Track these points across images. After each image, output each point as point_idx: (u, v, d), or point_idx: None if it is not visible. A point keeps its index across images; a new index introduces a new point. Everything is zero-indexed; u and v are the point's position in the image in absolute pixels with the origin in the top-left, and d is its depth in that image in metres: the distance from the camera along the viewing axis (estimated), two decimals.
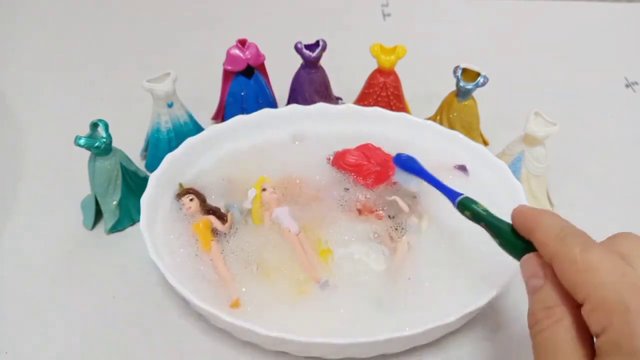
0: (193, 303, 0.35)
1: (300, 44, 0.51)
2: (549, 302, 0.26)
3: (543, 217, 0.29)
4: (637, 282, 0.24)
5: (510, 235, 0.31)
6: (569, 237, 0.27)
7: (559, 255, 0.26)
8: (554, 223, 0.28)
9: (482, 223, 0.34)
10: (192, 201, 0.43)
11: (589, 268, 0.25)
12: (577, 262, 0.25)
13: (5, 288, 0.42)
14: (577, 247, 0.26)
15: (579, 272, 0.25)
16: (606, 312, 0.23)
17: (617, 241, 0.27)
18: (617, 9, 0.79)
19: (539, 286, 0.27)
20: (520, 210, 0.31)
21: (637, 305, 0.23)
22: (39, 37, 0.71)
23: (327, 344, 0.34)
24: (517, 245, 0.31)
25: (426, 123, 0.49)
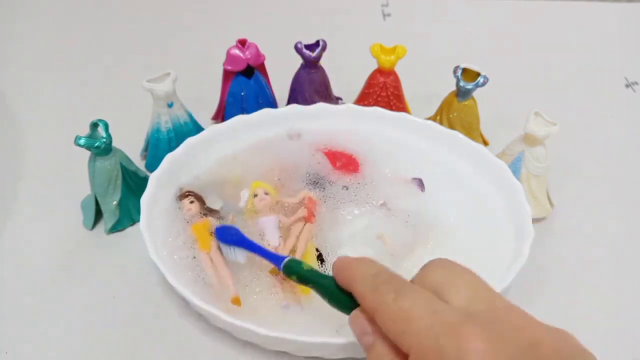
0: (193, 303, 0.35)
1: (300, 44, 0.51)
2: (383, 358, 0.26)
3: (359, 266, 0.28)
4: (449, 318, 0.24)
5: (336, 292, 0.30)
6: (382, 286, 0.26)
7: (376, 307, 0.26)
8: (368, 271, 0.28)
9: (310, 284, 0.32)
10: (193, 203, 0.43)
11: (404, 316, 0.24)
12: (392, 312, 0.25)
13: (5, 288, 0.42)
14: (390, 296, 0.25)
15: (397, 323, 0.25)
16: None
17: (428, 272, 0.27)
18: (617, 9, 0.79)
19: (370, 342, 0.27)
20: (339, 261, 0.30)
21: (452, 348, 0.22)
22: (39, 37, 0.71)
23: (327, 344, 0.34)
24: (345, 300, 0.29)
25: (426, 123, 0.49)
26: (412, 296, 0.25)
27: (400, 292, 0.25)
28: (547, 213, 0.47)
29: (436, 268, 0.27)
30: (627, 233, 0.48)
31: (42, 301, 0.41)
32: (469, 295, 0.25)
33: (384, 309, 0.25)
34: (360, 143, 0.49)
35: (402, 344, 0.24)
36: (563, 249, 0.46)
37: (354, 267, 0.29)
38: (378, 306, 0.26)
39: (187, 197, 0.43)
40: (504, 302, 0.26)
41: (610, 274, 0.44)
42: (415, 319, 0.24)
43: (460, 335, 0.23)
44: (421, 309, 0.24)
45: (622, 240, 0.47)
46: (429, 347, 0.23)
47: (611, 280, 0.44)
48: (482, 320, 0.24)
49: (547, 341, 0.23)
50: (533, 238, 0.39)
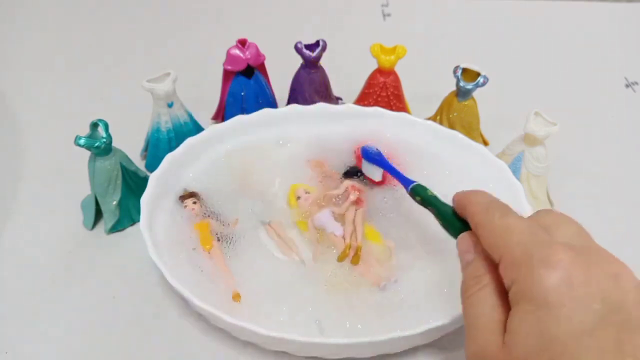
0: (193, 303, 0.35)
1: (300, 44, 0.51)
2: (478, 272, 0.28)
3: (475, 194, 0.32)
4: (544, 237, 0.26)
5: (451, 216, 0.33)
6: (492, 208, 0.29)
7: (482, 222, 0.29)
8: (482, 198, 0.31)
9: (430, 207, 0.36)
10: (196, 204, 0.43)
11: (505, 230, 0.27)
12: (494, 226, 0.28)
13: (5, 288, 0.42)
14: (496, 214, 0.28)
15: (496, 235, 0.27)
16: (515, 266, 0.25)
17: (539, 214, 0.29)
18: (617, 9, 0.79)
19: (471, 260, 0.29)
20: (459, 193, 0.33)
21: (540, 255, 0.24)
22: (39, 37, 0.71)
23: (327, 344, 0.34)
24: (457, 225, 0.32)
25: (426, 123, 0.49)
26: (516, 218, 0.28)
27: (508, 214, 0.28)
28: None
29: (546, 214, 0.29)
30: (627, 233, 0.48)
31: (42, 301, 0.41)
32: (570, 234, 0.27)
33: (489, 223, 0.28)
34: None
35: (496, 253, 0.27)
36: None
37: (472, 194, 0.32)
38: (485, 222, 0.29)
39: (190, 198, 0.43)
40: (600, 247, 0.27)
41: None
42: (514, 233, 0.26)
43: (551, 248, 0.25)
44: (522, 227, 0.27)
45: (622, 240, 0.47)
46: (518, 254, 0.25)
47: None
48: (575, 248, 0.25)
49: (631, 279, 0.25)
50: None
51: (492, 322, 0.26)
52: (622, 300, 0.23)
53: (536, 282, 0.24)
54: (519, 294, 0.25)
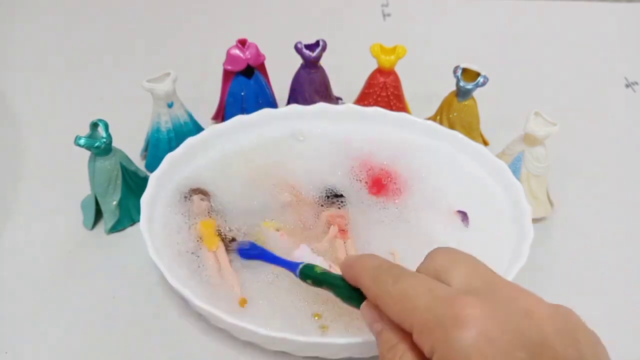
0: (193, 303, 0.35)
1: (300, 44, 0.51)
2: (391, 341, 0.27)
3: (361, 261, 0.30)
4: (445, 293, 0.25)
5: (347, 289, 0.31)
6: (383, 274, 0.28)
7: (377, 294, 0.28)
8: (369, 264, 0.29)
9: (324, 286, 0.33)
10: (203, 201, 0.43)
11: (403, 297, 0.26)
12: (392, 295, 0.26)
13: (5, 288, 0.42)
14: (389, 281, 0.27)
15: (397, 304, 0.26)
16: (428, 333, 0.24)
17: (432, 258, 0.28)
18: (617, 9, 0.79)
19: (380, 329, 0.28)
20: (345, 259, 0.31)
21: (448, 315, 0.24)
22: (39, 37, 0.71)
23: (327, 344, 0.34)
24: (356, 296, 0.30)
25: (426, 123, 0.49)
26: (410, 279, 0.27)
27: (399, 277, 0.27)
28: (547, 213, 0.47)
29: (438, 254, 0.29)
30: (627, 233, 0.48)
31: (42, 301, 0.41)
32: (468, 275, 0.26)
33: (385, 294, 0.27)
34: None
35: (404, 323, 0.26)
36: (563, 249, 0.46)
37: (359, 262, 0.30)
38: (380, 292, 0.27)
39: (198, 194, 0.43)
40: (501, 279, 0.27)
41: (611, 273, 0.44)
42: (413, 298, 0.25)
43: (456, 305, 0.24)
44: (418, 288, 0.26)
45: (622, 240, 0.47)
46: (427, 320, 0.24)
47: (611, 280, 0.44)
48: (478, 292, 0.25)
49: (544, 310, 0.24)
50: (533, 238, 0.39)
51: None
52: (543, 338, 0.23)
53: (455, 346, 0.23)
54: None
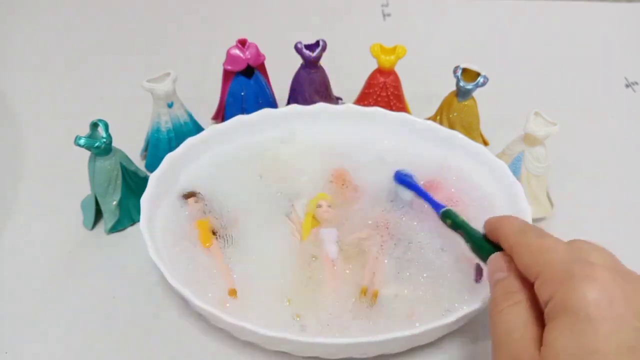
0: (193, 303, 0.35)
1: (300, 44, 0.51)
2: (511, 288, 0.28)
3: (509, 218, 0.33)
4: (581, 256, 0.26)
5: (481, 240, 0.34)
6: (528, 229, 0.30)
7: (518, 242, 0.29)
8: (516, 222, 0.32)
9: (459, 230, 0.37)
10: (197, 202, 0.43)
11: (542, 250, 0.28)
12: (532, 246, 0.28)
13: (5, 288, 0.42)
14: (533, 234, 0.29)
15: (533, 254, 0.28)
16: (555, 282, 0.26)
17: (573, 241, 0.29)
18: (617, 9, 0.79)
19: (503, 277, 0.30)
20: (490, 218, 0.34)
21: (581, 271, 0.25)
22: (39, 37, 0.71)
23: (327, 344, 0.34)
24: (487, 248, 0.33)
25: (426, 123, 0.49)
26: (554, 239, 0.28)
27: (544, 235, 0.29)
28: (547, 213, 0.47)
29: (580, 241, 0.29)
30: (627, 233, 0.48)
31: (42, 301, 0.41)
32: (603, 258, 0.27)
33: (526, 244, 0.29)
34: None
35: (531, 271, 0.27)
36: None
37: (506, 218, 0.33)
38: (521, 242, 0.29)
39: (191, 197, 0.44)
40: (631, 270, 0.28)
41: None
42: (552, 251, 0.27)
43: (591, 267, 0.25)
44: (560, 246, 0.28)
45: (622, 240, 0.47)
46: (559, 271, 0.26)
47: None
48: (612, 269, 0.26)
49: None
50: None
51: (525, 338, 0.26)
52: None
53: (578, 296, 0.24)
54: (557, 307, 0.25)
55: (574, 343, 0.23)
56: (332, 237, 0.42)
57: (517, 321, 0.27)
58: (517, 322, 0.27)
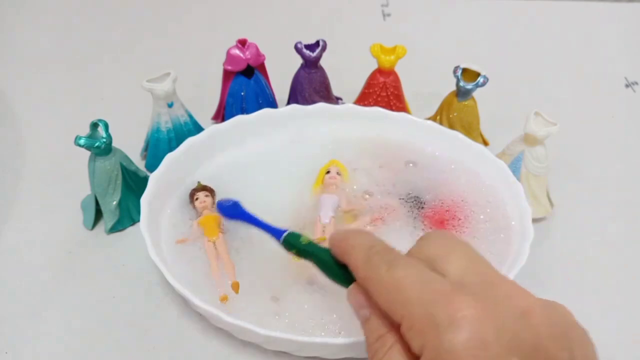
0: (193, 303, 0.35)
1: (300, 44, 0.51)
2: (379, 330, 0.26)
3: (355, 238, 0.28)
4: (440, 287, 0.24)
5: (334, 265, 0.29)
6: (375, 257, 0.26)
7: (369, 278, 0.26)
8: (363, 243, 0.27)
9: (308, 258, 0.32)
10: (208, 197, 0.44)
11: (396, 286, 0.24)
12: (384, 283, 0.25)
13: (5, 288, 0.42)
14: (383, 267, 0.25)
15: (389, 293, 0.25)
16: (419, 330, 0.23)
17: (425, 244, 0.27)
18: (617, 9, 0.79)
19: (367, 316, 0.27)
20: (336, 233, 0.30)
21: (442, 314, 0.22)
22: (39, 37, 0.71)
23: (327, 344, 0.34)
24: (342, 274, 0.29)
25: (426, 123, 0.49)
26: (404, 267, 0.25)
27: (393, 263, 0.25)
28: (547, 213, 0.47)
29: (433, 240, 0.27)
30: (627, 233, 0.48)
31: (42, 301, 0.41)
32: (463, 267, 0.25)
33: (377, 280, 0.25)
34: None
35: (394, 313, 0.24)
36: (563, 249, 0.46)
37: (350, 239, 0.28)
38: (371, 277, 0.26)
39: (202, 191, 0.44)
40: (497, 275, 0.26)
41: (611, 273, 0.44)
42: (407, 289, 0.24)
43: (450, 303, 0.23)
44: (413, 278, 0.24)
45: (622, 240, 0.47)
46: (420, 315, 0.23)
47: (611, 280, 0.44)
48: (473, 289, 0.24)
49: (539, 310, 0.23)
50: (533, 238, 0.39)
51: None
52: (537, 340, 0.22)
53: (447, 349, 0.22)
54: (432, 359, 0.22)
55: None
56: (330, 203, 0.43)
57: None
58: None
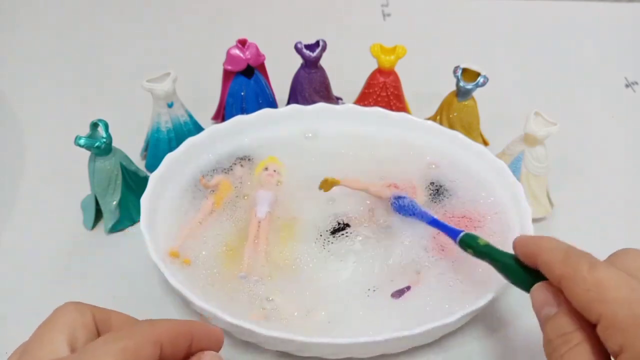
0: (193, 303, 0.35)
1: (300, 44, 0.51)
2: (566, 328, 0.26)
3: (545, 241, 0.29)
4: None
5: (515, 266, 0.31)
6: (575, 257, 0.27)
7: (567, 276, 0.26)
8: (557, 246, 0.28)
9: (486, 259, 0.33)
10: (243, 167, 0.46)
11: (599, 286, 0.25)
12: (586, 281, 0.25)
13: (5, 288, 0.42)
14: (584, 266, 0.26)
15: (590, 291, 0.25)
16: (621, 330, 0.23)
17: (619, 258, 0.27)
18: (617, 9, 0.79)
19: (553, 313, 0.27)
20: (522, 238, 0.31)
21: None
22: (38, 37, 0.71)
23: (327, 344, 0.34)
24: (523, 276, 0.30)
25: (426, 123, 0.49)
26: (607, 269, 0.25)
27: (595, 265, 0.26)
28: (547, 213, 0.47)
29: (627, 253, 0.27)
30: (627, 233, 0.48)
31: (42, 301, 0.41)
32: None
33: (577, 277, 0.26)
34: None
35: (591, 313, 0.25)
36: None
37: (542, 241, 0.29)
38: (570, 275, 0.26)
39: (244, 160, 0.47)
40: None
41: None
42: (612, 289, 0.24)
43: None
44: (618, 280, 0.25)
45: (622, 240, 0.47)
46: (626, 316, 0.23)
47: None
48: None
49: None
50: None
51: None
52: None
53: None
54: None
55: None
56: (266, 199, 0.44)
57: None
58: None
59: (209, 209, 0.43)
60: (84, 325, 0.27)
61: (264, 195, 0.44)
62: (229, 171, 0.46)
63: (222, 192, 0.45)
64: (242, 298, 0.38)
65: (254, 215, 0.43)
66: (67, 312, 0.27)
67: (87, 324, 0.27)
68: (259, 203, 0.44)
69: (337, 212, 0.44)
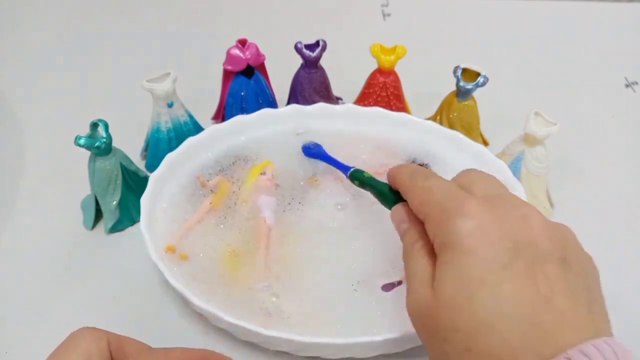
0: (193, 303, 0.35)
1: (300, 44, 0.51)
2: (414, 237, 0.30)
3: (403, 166, 0.34)
4: (459, 193, 0.28)
5: (387, 192, 0.36)
6: (416, 174, 0.32)
7: (408, 187, 0.32)
8: (408, 168, 0.34)
9: (367, 187, 0.39)
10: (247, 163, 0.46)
11: (426, 191, 0.30)
12: (418, 188, 0.31)
13: (6, 288, 0.42)
14: (420, 178, 0.31)
15: (420, 197, 0.30)
16: (436, 222, 0.28)
17: (460, 175, 0.32)
18: (617, 9, 0.79)
19: (406, 228, 0.31)
20: (391, 169, 0.35)
21: (455, 208, 0.27)
22: (38, 37, 0.71)
23: (327, 344, 0.34)
24: (392, 199, 0.35)
25: (426, 123, 0.49)
26: (437, 180, 0.31)
27: (430, 177, 0.31)
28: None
29: (470, 173, 0.31)
30: (627, 233, 0.48)
31: (42, 301, 0.41)
32: (487, 188, 0.29)
33: (414, 188, 0.31)
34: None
35: (420, 213, 0.30)
36: None
37: (401, 166, 0.35)
38: (410, 186, 0.31)
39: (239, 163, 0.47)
40: (511, 194, 0.29)
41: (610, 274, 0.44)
42: (434, 192, 0.29)
43: (464, 202, 0.27)
44: (441, 187, 0.29)
45: (622, 240, 0.47)
46: (438, 210, 0.28)
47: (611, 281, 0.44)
48: (487, 198, 0.28)
49: (540, 219, 0.27)
50: None
51: (424, 276, 0.28)
52: (531, 237, 0.26)
53: (453, 231, 0.26)
54: (441, 245, 0.27)
55: (456, 275, 0.26)
56: (270, 205, 0.43)
57: (418, 264, 0.29)
58: (418, 265, 0.29)
59: (208, 209, 0.43)
60: (99, 352, 0.27)
61: (267, 201, 0.44)
62: (228, 171, 0.46)
63: (222, 192, 0.44)
64: (242, 298, 0.38)
65: (262, 221, 0.42)
66: (83, 338, 0.28)
67: (102, 350, 0.28)
68: (264, 209, 0.43)
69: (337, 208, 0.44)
